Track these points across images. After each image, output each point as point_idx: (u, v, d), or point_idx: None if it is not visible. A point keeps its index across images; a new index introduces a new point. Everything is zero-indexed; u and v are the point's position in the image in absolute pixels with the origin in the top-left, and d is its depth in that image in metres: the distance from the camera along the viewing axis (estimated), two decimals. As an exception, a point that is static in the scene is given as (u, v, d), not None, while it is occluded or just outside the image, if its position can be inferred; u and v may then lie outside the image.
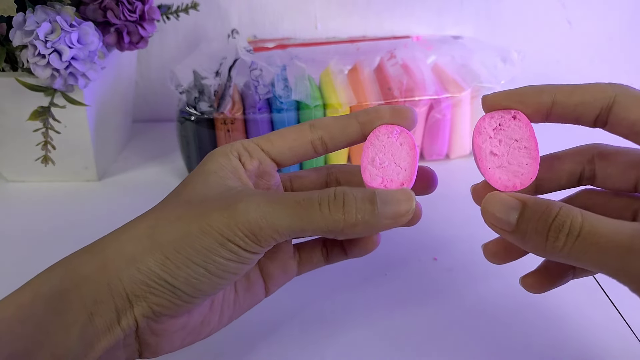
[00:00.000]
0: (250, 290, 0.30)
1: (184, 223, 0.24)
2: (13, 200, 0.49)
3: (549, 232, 0.22)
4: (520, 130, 0.27)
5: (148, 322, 0.25)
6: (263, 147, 0.29)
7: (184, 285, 0.24)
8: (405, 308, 0.36)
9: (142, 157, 0.56)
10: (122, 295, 0.24)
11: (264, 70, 0.49)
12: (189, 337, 0.27)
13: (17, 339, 0.23)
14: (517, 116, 0.27)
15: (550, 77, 0.63)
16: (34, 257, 0.41)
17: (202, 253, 0.24)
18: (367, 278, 0.38)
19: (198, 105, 0.48)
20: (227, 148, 0.28)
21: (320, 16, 0.60)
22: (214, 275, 0.24)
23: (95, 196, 0.50)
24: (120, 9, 0.45)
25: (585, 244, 0.22)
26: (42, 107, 0.44)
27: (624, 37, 0.62)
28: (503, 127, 0.27)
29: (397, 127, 0.28)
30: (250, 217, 0.24)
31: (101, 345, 0.24)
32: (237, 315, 0.30)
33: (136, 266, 0.24)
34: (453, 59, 0.55)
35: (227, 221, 0.24)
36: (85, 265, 0.25)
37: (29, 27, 0.40)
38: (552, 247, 0.22)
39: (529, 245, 0.23)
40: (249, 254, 0.25)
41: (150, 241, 0.24)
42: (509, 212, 0.24)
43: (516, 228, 0.23)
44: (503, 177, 0.26)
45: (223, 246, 0.24)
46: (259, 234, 0.24)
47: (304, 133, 0.28)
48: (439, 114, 0.51)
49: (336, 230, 0.24)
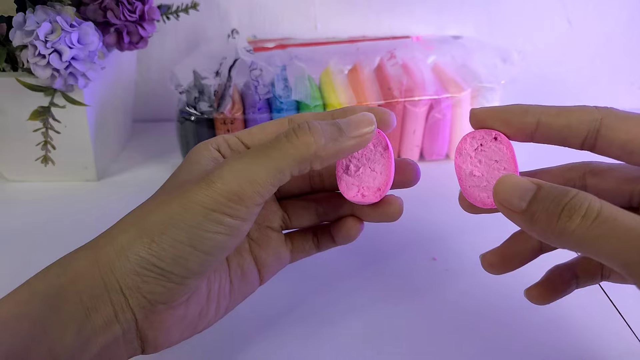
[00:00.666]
0: (244, 280, 0.30)
1: (166, 205, 0.25)
2: (13, 200, 0.49)
3: (562, 212, 0.21)
4: (500, 152, 0.27)
5: (146, 313, 0.25)
6: (243, 139, 0.29)
7: (173, 266, 0.24)
8: (404, 307, 0.36)
9: (142, 157, 0.56)
10: (116, 289, 0.24)
11: (264, 70, 0.49)
12: (187, 330, 0.27)
13: (14, 337, 0.23)
14: (498, 137, 0.27)
15: (550, 77, 0.63)
16: (34, 256, 0.41)
17: (186, 230, 0.24)
18: (367, 278, 0.38)
19: (198, 105, 0.48)
20: (208, 141, 0.29)
21: (320, 16, 0.60)
22: (201, 252, 0.24)
23: (95, 196, 0.50)
24: (120, 9, 0.45)
25: (602, 228, 0.21)
26: (42, 107, 0.44)
27: (624, 37, 0.62)
28: (484, 147, 0.27)
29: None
30: (226, 179, 0.24)
31: (99, 340, 0.24)
32: (233, 306, 0.30)
33: (125, 255, 0.24)
34: (453, 59, 0.55)
35: (206, 192, 0.24)
36: (80, 261, 0.25)
37: (29, 27, 0.40)
38: (563, 228, 0.21)
39: (536, 227, 0.22)
40: (236, 221, 0.25)
41: (136, 228, 0.25)
42: (524, 193, 0.23)
43: (526, 209, 0.22)
44: (482, 195, 0.27)
45: (207, 218, 0.24)
46: (240, 193, 0.24)
47: (282, 126, 0.29)
48: (439, 114, 0.51)
49: (309, 155, 0.25)
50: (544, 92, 0.64)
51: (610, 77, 0.64)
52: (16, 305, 0.24)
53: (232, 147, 0.29)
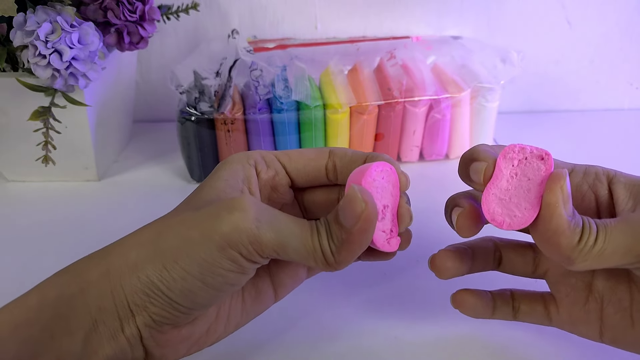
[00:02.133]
0: (258, 299, 0.29)
1: (186, 227, 0.24)
2: (13, 200, 0.49)
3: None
4: (539, 172, 0.26)
5: (151, 331, 0.24)
6: (281, 159, 0.29)
7: (180, 298, 0.24)
8: (405, 308, 0.36)
9: (142, 158, 0.56)
10: (124, 304, 0.24)
11: (264, 71, 0.49)
12: (195, 346, 0.27)
13: (23, 342, 0.23)
14: (545, 157, 0.26)
15: (549, 77, 0.63)
16: (35, 257, 0.41)
17: (199, 264, 0.23)
18: (367, 277, 0.38)
19: (198, 105, 0.48)
20: (244, 155, 0.28)
21: (320, 16, 0.60)
22: (211, 288, 0.24)
23: (96, 196, 0.50)
24: (120, 9, 0.45)
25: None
26: (43, 107, 0.44)
27: (623, 38, 0.62)
28: (528, 160, 0.26)
29: (383, 166, 0.27)
30: (263, 222, 0.24)
31: (105, 352, 0.24)
32: (244, 322, 0.29)
33: (137, 274, 0.24)
34: (453, 59, 0.55)
35: (233, 225, 0.23)
36: (91, 271, 0.25)
37: (30, 27, 0.40)
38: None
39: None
40: (250, 264, 0.24)
41: (153, 247, 0.24)
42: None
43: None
44: (497, 210, 0.26)
45: (223, 253, 0.23)
46: (263, 244, 0.24)
47: (322, 155, 0.29)
48: (438, 114, 0.51)
49: (322, 264, 0.25)
50: (543, 92, 0.65)
51: (609, 77, 0.64)
52: (26, 311, 0.24)
53: (269, 165, 0.28)
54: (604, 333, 0.29)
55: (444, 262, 0.29)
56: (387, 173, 0.27)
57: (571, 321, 0.30)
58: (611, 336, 0.28)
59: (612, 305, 0.28)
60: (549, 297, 0.31)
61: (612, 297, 0.28)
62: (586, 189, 0.28)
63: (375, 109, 0.50)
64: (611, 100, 0.65)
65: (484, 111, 0.53)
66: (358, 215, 0.24)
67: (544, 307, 0.31)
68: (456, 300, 0.31)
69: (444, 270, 0.30)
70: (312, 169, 0.29)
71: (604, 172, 0.28)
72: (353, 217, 0.24)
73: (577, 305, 0.29)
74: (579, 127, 0.62)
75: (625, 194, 0.27)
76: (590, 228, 0.24)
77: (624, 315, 0.28)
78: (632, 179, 0.27)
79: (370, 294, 0.37)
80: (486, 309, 0.31)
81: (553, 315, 0.30)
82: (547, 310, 0.30)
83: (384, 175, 0.27)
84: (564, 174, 0.24)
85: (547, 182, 0.25)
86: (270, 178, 0.28)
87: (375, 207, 0.24)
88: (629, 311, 0.28)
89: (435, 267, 0.30)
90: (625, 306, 0.28)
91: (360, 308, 0.36)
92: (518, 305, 0.31)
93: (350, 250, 0.24)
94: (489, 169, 0.26)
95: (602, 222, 0.25)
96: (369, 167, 0.26)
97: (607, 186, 0.27)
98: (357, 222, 0.24)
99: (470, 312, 0.31)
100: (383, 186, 0.27)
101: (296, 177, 0.29)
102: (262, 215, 0.24)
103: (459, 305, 0.31)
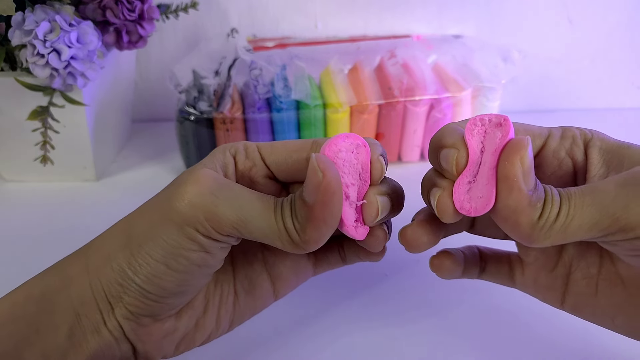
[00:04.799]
0: (253, 293, 0.28)
1: (149, 210, 0.24)
2: (12, 200, 0.49)
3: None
4: (497, 141, 0.22)
5: (131, 324, 0.24)
6: (262, 151, 0.27)
7: (148, 285, 0.23)
8: (406, 310, 0.36)
9: (141, 157, 0.56)
10: (103, 296, 0.24)
11: (264, 70, 0.49)
12: (183, 344, 0.26)
13: (8, 337, 0.23)
14: (503, 123, 0.22)
15: (551, 76, 0.63)
16: (33, 257, 0.41)
17: (161, 246, 0.23)
18: (368, 278, 0.38)
19: (197, 104, 0.47)
20: (229, 145, 0.27)
21: (320, 15, 0.60)
22: (175, 271, 0.23)
23: (94, 196, 0.49)
24: (119, 8, 0.44)
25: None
26: (41, 107, 0.44)
27: (625, 37, 0.62)
28: (489, 131, 0.23)
29: (353, 138, 0.23)
30: (219, 198, 0.22)
31: (90, 345, 0.24)
32: (239, 320, 0.28)
33: (110, 264, 0.23)
34: (454, 58, 0.55)
35: (187, 201, 0.22)
36: (73, 266, 0.25)
37: (28, 26, 0.40)
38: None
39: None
40: (210, 242, 0.23)
41: (124, 235, 0.24)
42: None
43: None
44: (465, 197, 0.23)
45: (181, 231, 0.22)
46: (221, 221, 0.22)
47: (304, 147, 0.26)
48: (439, 113, 0.51)
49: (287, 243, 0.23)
50: (545, 91, 0.64)
51: (610, 76, 0.64)
52: (12, 307, 0.24)
53: (248, 156, 0.27)
54: (566, 300, 0.27)
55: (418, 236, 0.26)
56: (359, 149, 0.23)
57: (535, 285, 0.28)
58: (573, 303, 0.27)
59: (580, 270, 0.27)
60: (516, 258, 0.29)
61: (581, 263, 0.27)
62: (563, 155, 0.25)
63: (375, 109, 0.50)
64: (613, 99, 0.65)
65: (485, 110, 0.53)
66: (316, 186, 0.22)
67: (510, 268, 0.29)
68: (434, 264, 0.29)
69: (415, 246, 0.26)
70: (294, 162, 0.26)
71: (581, 133, 0.25)
72: (312, 190, 0.22)
73: (544, 270, 0.28)
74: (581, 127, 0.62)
75: (598, 159, 0.25)
76: (553, 200, 0.21)
77: (589, 283, 0.26)
78: (608, 143, 0.25)
79: (370, 295, 0.37)
80: (459, 271, 0.29)
81: (517, 278, 0.29)
82: (512, 273, 0.29)
83: (353, 150, 0.23)
84: (526, 143, 0.21)
85: (504, 152, 0.22)
86: (246, 169, 0.26)
87: (336, 177, 0.22)
88: (595, 279, 0.26)
89: (405, 240, 0.26)
90: (593, 273, 0.26)
91: (361, 308, 0.36)
92: (484, 265, 0.30)
93: (315, 227, 0.22)
94: (462, 157, 0.23)
95: (565, 192, 0.22)
96: (336, 136, 0.23)
97: (584, 150, 0.25)
98: (316, 194, 0.22)
99: (447, 275, 0.29)
100: (351, 162, 0.23)
101: (276, 170, 0.27)
102: (219, 190, 0.23)
103: (437, 269, 0.29)
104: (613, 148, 0.24)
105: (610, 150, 0.24)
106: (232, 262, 0.28)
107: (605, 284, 0.26)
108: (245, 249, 0.29)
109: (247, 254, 0.29)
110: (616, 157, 0.24)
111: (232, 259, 0.28)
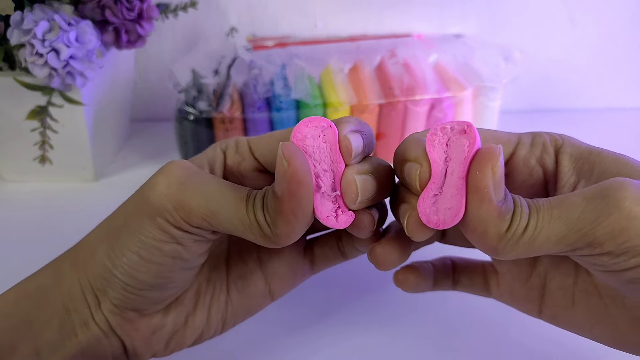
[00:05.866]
0: (246, 292, 0.28)
1: (127, 204, 0.24)
2: (10, 200, 0.49)
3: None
4: (463, 149, 0.21)
5: (117, 319, 0.24)
6: (251, 144, 0.27)
7: (125, 277, 0.23)
8: (406, 312, 0.35)
9: (140, 157, 0.56)
10: (90, 290, 0.24)
11: (263, 69, 0.49)
12: (172, 342, 0.26)
13: (3, 332, 0.24)
14: (467, 130, 0.21)
15: (552, 76, 0.63)
16: (31, 257, 0.41)
17: (136, 237, 0.23)
18: (365, 280, 0.38)
19: (196, 104, 0.47)
20: (223, 140, 0.27)
21: (320, 14, 0.59)
22: (149, 262, 0.23)
23: (93, 196, 0.49)
24: (118, 7, 0.44)
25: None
26: (40, 107, 0.44)
27: (626, 36, 0.62)
28: (453, 140, 0.22)
29: (318, 121, 0.22)
30: (187, 187, 0.22)
31: (79, 339, 0.24)
32: (232, 321, 0.28)
33: (94, 257, 0.24)
34: (454, 57, 0.55)
35: (157, 191, 0.22)
36: (64, 262, 0.25)
37: (27, 25, 0.40)
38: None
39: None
40: (181, 233, 0.23)
41: (107, 229, 0.24)
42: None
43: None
44: (432, 209, 0.22)
45: (153, 222, 0.22)
46: (190, 211, 0.22)
47: (289, 135, 0.25)
48: (440, 113, 0.51)
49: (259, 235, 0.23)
50: (546, 91, 0.64)
51: (611, 76, 0.64)
52: (5, 303, 0.24)
53: (238, 150, 0.26)
54: (543, 310, 0.27)
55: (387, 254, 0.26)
56: (325, 132, 0.22)
57: (511, 296, 0.28)
58: (550, 314, 0.27)
59: (556, 281, 0.26)
60: (490, 268, 0.29)
61: (556, 273, 0.26)
62: (534, 163, 0.24)
63: (376, 108, 0.50)
64: (614, 99, 0.65)
65: (486, 110, 0.52)
66: (282, 175, 0.21)
67: (484, 279, 0.29)
68: (398, 279, 0.29)
69: (384, 264, 0.26)
70: None
71: (552, 139, 0.24)
72: (279, 180, 0.21)
73: (519, 281, 0.28)
74: (582, 126, 0.61)
75: (569, 166, 0.24)
76: (522, 212, 0.21)
77: (565, 294, 0.26)
78: (579, 149, 0.24)
79: (369, 298, 0.37)
80: (428, 284, 0.29)
81: (493, 289, 0.29)
82: (487, 284, 0.29)
83: (319, 134, 0.22)
84: (497, 152, 0.20)
85: (475, 161, 0.21)
86: (235, 164, 0.26)
87: (302, 165, 0.21)
88: (571, 289, 0.26)
89: (375, 259, 0.26)
90: (569, 283, 0.26)
91: (360, 311, 0.36)
92: (458, 277, 0.30)
93: (286, 220, 0.21)
94: (425, 172, 0.22)
95: (534, 204, 0.21)
96: (300, 121, 0.22)
97: (555, 157, 0.24)
98: (283, 184, 0.21)
99: (412, 289, 0.29)
100: (320, 147, 0.22)
101: (265, 162, 0.26)
102: (189, 180, 0.23)
103: (402, 284, 0.29)
104: (584, 155, 0.24)
105: (581, 157, 0.24)
106: (226, 259, 0.28)
107: (582, 294, 0.26)
108: (241, 247, 0.29)
109: (242, 251, 0.29)
110: (587, 164, 0.23)
111: (227, 256, 0.29)
